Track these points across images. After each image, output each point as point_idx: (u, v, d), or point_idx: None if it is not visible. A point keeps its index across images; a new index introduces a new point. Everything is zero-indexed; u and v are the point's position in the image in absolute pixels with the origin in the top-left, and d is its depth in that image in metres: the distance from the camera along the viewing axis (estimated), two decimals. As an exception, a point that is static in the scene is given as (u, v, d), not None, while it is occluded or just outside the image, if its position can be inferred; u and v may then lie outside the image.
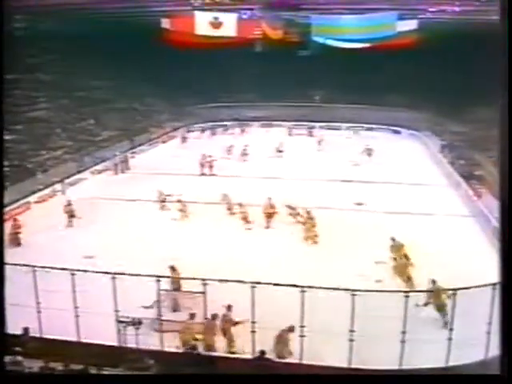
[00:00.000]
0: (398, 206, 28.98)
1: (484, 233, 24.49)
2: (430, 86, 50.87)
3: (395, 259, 20.21)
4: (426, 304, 15.98)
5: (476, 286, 13.18)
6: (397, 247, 20.67)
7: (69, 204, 27.39)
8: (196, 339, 14.65)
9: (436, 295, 16.15)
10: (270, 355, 13.76)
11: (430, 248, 22.16)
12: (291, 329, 14.28)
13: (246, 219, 26.89)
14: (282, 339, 14.36)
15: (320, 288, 13.62)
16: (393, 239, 21.16)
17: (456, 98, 46.44)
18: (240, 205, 27.57)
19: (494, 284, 11.23)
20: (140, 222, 27.24)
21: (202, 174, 37.52)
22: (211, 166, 37.98)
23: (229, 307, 15.27)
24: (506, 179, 5.92)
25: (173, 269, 18.06)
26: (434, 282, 16.79)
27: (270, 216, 26.63)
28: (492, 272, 7.34)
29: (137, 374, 12.18)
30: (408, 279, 19.06)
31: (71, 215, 26.97)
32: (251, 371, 13.10)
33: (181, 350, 14.28)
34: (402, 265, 19.65)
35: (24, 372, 11.90)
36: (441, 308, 15.98)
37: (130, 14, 43.61)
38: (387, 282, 19.04)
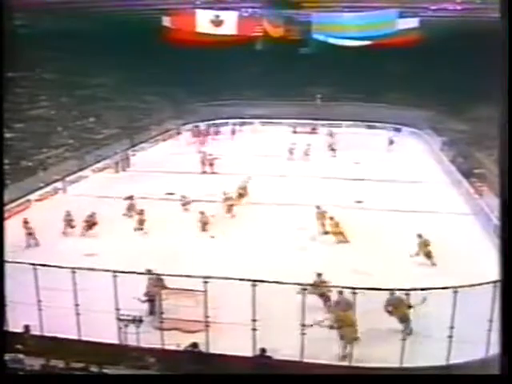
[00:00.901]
0: (397, 204, 28.98)
1: (485, 231, 24.49)
2: (431, 84, 50.86)
3: (323, 225, 24.28)
4: (417, 254, 20.99)
5: (477, 284, 13.19)
6: (321, 214, 24.69)
7: (26, 222, 24.43)
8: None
9: (424, 245, 21.03)
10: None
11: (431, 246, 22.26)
12: None
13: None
14: None
15: (322, 286, 13.65)
16: (317, 207, 25.07)
17: (457, 96, 46.44)
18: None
19: (495, 282, 11.22)
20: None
21: (203, 172, 37.56)
22: (211, 164, 38.01)
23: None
24: (506, 176, 5.91)
25: (150, 272, 16.96)
26: (420, 235, 21.35)
27: (240, 196, 29.22)
28: (493, 270, 7.34)
29: (135, 373, 12.15)
30: (340, 234, 23.44)
31: (29, 233, 23.92)
32: (252, 369, 13.11)
33: (181, 348, 14.27)
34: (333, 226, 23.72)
35: (24, 372, 11.90)
36: (429, 255, 20.94)
37: (130, 12, 43.63)
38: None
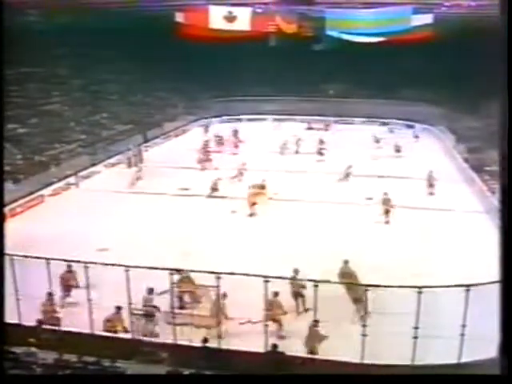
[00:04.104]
0: (410, 200, 28.85)
1: (498, 229, 24.23)
2: (445, 81, 50.60)
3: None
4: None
5: (489, 283, 13.11)
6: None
7: None
8: None
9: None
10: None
11: (442, 244, 22.20)
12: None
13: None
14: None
15: (333, 283, 13.64)
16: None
17: (470, 93, 46.14)
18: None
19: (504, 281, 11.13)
20: (153, 215, 27.36)
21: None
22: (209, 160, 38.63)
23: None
24: (506, 173, 5.91)
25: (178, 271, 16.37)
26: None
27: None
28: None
29: (140, 374, 12.09)
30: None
31: None
32: (264, 365, 13.12)
33: (194, 343, 14.31)
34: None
35: (37, 366, 11.98)
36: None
37: (143, 8, 43.68)
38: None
